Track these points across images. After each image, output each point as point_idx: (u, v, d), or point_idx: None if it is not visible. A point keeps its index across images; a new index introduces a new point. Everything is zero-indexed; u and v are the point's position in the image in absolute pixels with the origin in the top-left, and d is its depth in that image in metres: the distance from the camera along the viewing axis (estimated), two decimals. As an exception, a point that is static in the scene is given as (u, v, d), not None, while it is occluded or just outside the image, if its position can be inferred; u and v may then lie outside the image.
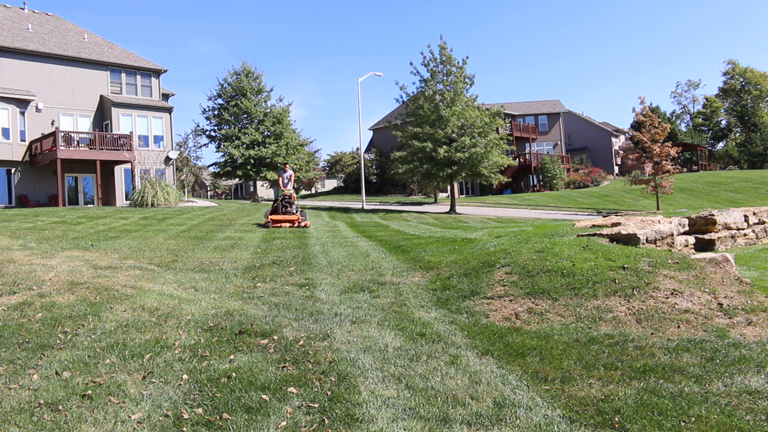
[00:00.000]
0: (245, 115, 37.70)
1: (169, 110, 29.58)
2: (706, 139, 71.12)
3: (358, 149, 47.88)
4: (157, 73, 29.85)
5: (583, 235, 7.82)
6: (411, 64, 30.91)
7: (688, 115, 77.09)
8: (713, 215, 11.37)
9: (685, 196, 33.06)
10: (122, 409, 3.50)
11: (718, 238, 11.18)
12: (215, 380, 3.95)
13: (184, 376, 4.02)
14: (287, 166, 16.85)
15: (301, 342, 4.81)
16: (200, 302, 6.13)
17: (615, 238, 7.38)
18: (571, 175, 47.79)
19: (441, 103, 26.35)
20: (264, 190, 53.27)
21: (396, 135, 28.18)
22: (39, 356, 4.41)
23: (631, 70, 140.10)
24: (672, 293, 5.45)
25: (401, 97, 28.27)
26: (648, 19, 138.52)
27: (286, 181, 16.45)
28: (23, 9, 30.56)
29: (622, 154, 46.69)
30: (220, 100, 38.43)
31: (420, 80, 27.34)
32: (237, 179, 43.83)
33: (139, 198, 23.05)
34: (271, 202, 15.19)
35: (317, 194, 53.07)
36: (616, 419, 3.26)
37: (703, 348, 4.32)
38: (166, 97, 31.69)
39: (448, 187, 31.18)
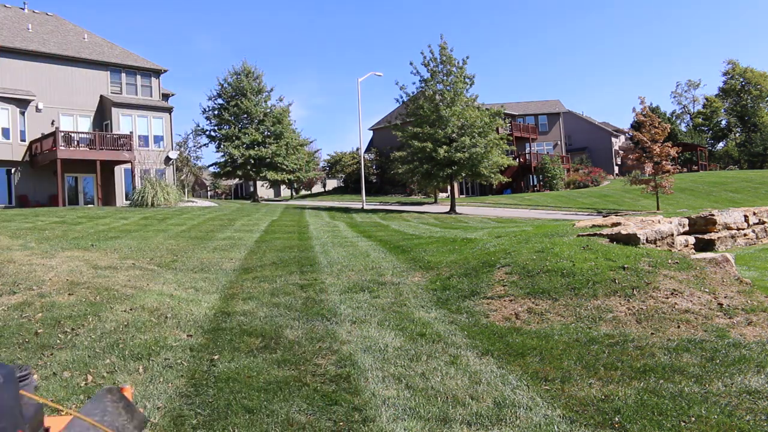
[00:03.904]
0: (245, 115, 37.71)
1: (169, 110, 29.57)
2: (706, 139, 71.08)
3: (358, 149, 47.88)
4: (157, 73, 29.84)
5: (583, 235, 7.82)
6: (411, 64, 30.84)
7: (688, 115, 77.05)
8: (713, 215, 11.37)
9: (685, 196, 33.05)
10: (122, 409, 3.49)
11: (718, 238, 11.18)
12: (215, 380, 3.94)
13: (184, 377, 4.02)
14: None
15: (301, 342, 4.80)
16: (200, 302, 6.13)
17: (615, 238, 7.38)
18: (571, 175, 47.79)
19: (441, 103, 26.33)
20: (264, 190, 53.25)
21: (396, 135, 28.15)
22: (39, 356, 4.41)
23: (631, 69, 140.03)
24: (672, 293, 5.45)
25: (401, 97, 28.25)
26: (648, 19, 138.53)
27: None
28: (23, 9, 30.55)
29: (622, 154, 46.70)
30: (220, 100, 38.46)
31: (420, 80, 27.33)
32: (237, 179, 43.89)
33: (139, 198, 23.05)
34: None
35: (317, 194, 53.04)
36: (616, 419, 3.25)
37: (703, 348, 4.32)
38: (166, 97, 31.68)
39: (448, 187, 31.17)
